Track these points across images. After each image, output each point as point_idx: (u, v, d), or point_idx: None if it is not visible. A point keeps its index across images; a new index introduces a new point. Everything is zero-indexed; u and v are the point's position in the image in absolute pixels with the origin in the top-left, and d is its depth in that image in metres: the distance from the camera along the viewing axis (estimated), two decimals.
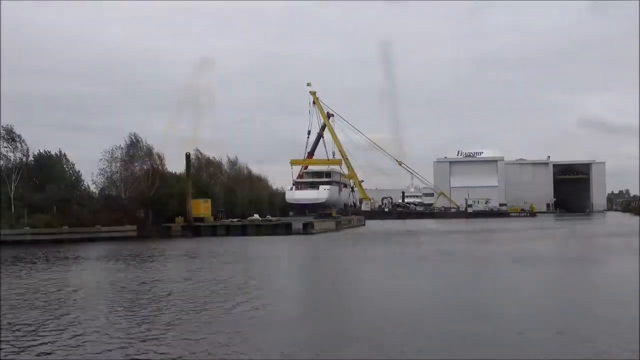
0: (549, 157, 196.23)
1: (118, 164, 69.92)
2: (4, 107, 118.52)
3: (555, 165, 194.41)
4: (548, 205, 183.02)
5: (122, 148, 70.64)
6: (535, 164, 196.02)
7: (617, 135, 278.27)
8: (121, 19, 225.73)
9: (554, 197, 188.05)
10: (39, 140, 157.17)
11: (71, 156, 71.76)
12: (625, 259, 32.07)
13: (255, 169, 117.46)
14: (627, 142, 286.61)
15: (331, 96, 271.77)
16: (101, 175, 69.07)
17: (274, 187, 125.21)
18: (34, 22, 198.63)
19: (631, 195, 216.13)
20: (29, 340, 14.36)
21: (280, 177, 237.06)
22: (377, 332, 14.73)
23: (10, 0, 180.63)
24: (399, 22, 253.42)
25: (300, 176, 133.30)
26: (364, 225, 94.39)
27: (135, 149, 71.53)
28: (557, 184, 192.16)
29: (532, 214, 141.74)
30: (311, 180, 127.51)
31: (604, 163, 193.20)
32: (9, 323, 16.37)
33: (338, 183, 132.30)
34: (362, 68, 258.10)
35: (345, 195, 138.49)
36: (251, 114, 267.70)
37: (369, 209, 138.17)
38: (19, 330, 15.57)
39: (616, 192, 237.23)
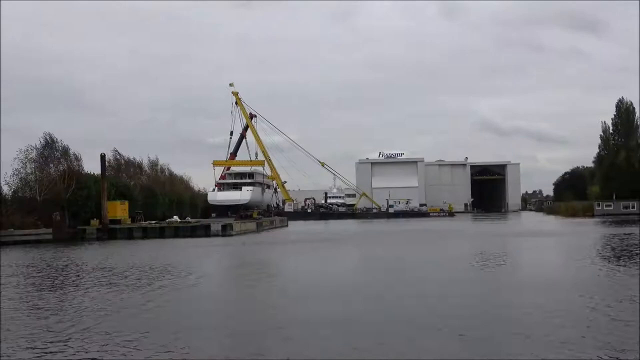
0: (466, 158, 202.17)
1: (33, 165, 67.75)
2: None
3: (472, 167, 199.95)
4: (466, 205, 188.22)
5: (37, 148, 68.56)
6: (453, 165, 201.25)
7: (514, 138, 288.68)
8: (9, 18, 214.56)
9: (472, 197, 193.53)
10: None
11: None
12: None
13: (178, 170, 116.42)
14: (524, 145, 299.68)
15: (255, 98, 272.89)
16: (15, 177, 66.75)
17: (196, 188, 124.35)
18: None
19: (544, 195, 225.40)
20: None
21: (203, 178, 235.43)
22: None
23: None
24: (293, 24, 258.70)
25: (222, 177, 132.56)
26: (287, 226, 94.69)
27: (50, 150, 69.48)
28: (475, 184, 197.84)
29: (450, 213, 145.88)
30: (234, 181, 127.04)
31: (518, 164, 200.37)
32: None
33: (261, 184, 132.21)
34: (282, 69, 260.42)
35: (268, 196, 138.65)
36: (172, 114, 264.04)
37: (292, 210, 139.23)
38: None
39: (530, 192, 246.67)
